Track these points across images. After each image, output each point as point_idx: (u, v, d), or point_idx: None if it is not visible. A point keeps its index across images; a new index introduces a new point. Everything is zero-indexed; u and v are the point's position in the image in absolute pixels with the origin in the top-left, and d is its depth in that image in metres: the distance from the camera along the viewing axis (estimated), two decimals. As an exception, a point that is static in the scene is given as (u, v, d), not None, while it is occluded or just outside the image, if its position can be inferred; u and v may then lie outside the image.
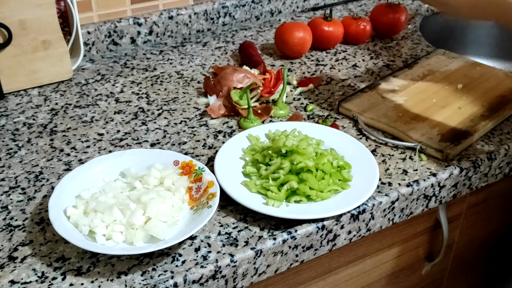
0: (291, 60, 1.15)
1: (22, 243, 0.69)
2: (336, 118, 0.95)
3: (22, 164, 0.84)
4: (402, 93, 0.99)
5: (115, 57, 1.15)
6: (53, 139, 0.89)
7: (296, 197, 0.75)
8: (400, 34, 1.26)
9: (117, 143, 0.89)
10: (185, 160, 0.79)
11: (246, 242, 0.70)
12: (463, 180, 0.86)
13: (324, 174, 0.78)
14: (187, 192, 0.76)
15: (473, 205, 1.00)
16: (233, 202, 0.75)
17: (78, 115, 0.96)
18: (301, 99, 1.01)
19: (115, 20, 1.16)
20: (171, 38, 1.23)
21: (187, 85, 1.05)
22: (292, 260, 0.74)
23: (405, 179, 0.82)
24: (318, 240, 0.75)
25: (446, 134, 0.88)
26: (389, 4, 1.23)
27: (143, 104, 0.99)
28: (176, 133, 0.91)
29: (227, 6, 1.27)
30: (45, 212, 0.74)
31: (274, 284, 0.80)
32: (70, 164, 0.84)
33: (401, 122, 0.91)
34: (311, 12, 1.39)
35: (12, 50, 0.99)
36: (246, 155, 0.83)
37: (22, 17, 0.98)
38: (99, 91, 1.03)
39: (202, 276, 0.66)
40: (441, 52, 1.14)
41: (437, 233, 0.97)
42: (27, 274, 0.65)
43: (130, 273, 0.66)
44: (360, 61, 1.15)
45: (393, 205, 0.80)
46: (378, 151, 0.88)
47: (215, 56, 1.16)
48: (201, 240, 0.70)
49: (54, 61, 1.03)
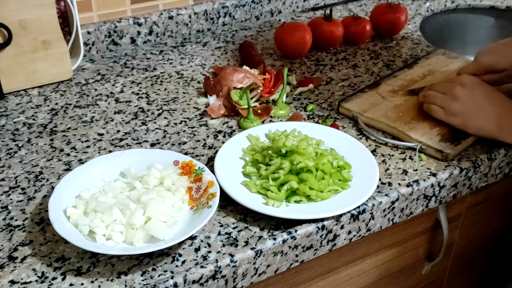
0: (291, 60, 1.15)
1: (22, 243, 0.69)
2: (336, 118, 0.95)
3: (22, 164, 0.84)
4: (402, 93, 0.99)
5: (115, 57, 1.15)
6: (53, 139, 0.89)
7: (296, 197, 0.75)
8: (400, 34, 1.26)
9: (117, 143, 0.89)
10: (185, 160, 0.79)
11: (246, 242, 0.70)
12: (463, 180, 0.86)
13: (324, 174, 0.78)
14: (187, 192, 0.76)
15: (473, 205, 1.00)
16: (233, 202, 0.75)
17: (78, 115, 0.96)
18: (301, 99, 1.01)
19: (115, 20, 1.16)
20: (171, 38, 1.23)
21: (187, 85, 1.05)
22: (292, 260, 0.74)
23: (405, 179, 0.82)
24: (318, 240, 0.75)
25: (446, 134, 0.88)
26: (389, 4, 1.23)
27: (143, 104, 0.99)
28: (176, 133, 0.91)
29: (227, 6, 1.27)
30: (45, 212, 0.74)
31: (274, 284, 0.80)
32: (70, 164, 0.84)
33: (401, 122, 0.91)
34: (311, 12, 1.39)
35: (12, 50, 0.99)
36: (246, 155, 0.83)
37: (22, 17, 0.98)
38: (99, 91, 1.03)
39: (202, 276, 0.66)
40: (441, 52, 1.14)
41: (437, 233, 0.97)
42: (27, 274, 0.65)
43: (130, 273, 0.66)
44: (360, 61, 1.15)
45: (393, 205, 0.80)
46: (378, 151, 0.88)
47: (215, 56, 1.16)
48: (201, 240, 0.70)
49: (54, 61, 1.03)
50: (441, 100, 0.89)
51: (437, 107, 0.89)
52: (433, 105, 0.90)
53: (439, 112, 0.89)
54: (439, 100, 0.89)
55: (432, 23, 1.43)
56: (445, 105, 0.88)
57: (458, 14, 1.47)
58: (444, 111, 0.88)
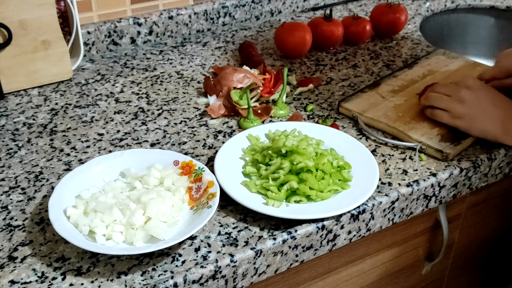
0: (291, 60, 1.15)
1: (22, 243, 0.70)
2: (336, 118, 0.95)
3: (22, 164, 0.84)
4: (402, 93, 0.99)
5: (115, 57, 1.15)
6: (53, 139, 0.89)
7: (296, 197, 0.75)
8: (400, 34, 1.26)
9: (117, 143, 0.89)
10: (185, 160, 0.79)
11: (246, 242, 0.70)
12: (463, 180, 0.86)
13: (324, 174, 0.78)
14: (187, 192, 0.76)
15: (473, 205, 1.00)
16: (233, 202, 0.75)
17: (78, 115, 0.96)
18: (301, 99, 1.01)
19: (115, 20, 1.16)
20: (171, 38, 1.23)
21: (187, 85, 1.05)
22: (292, 260, 0.74)
23: (405, 179, 0.82)
24: (318, 240, 0.75)
25: (446, 134, 0.88)
26: (389, 4, 1.23)
27: (143, 104, 0.99)
28: (176, 133, 0.91)
29: (227, 6, 1.27)
30: (45, 212, 0.74)
31: (274, 284, 0.80)
32: (70, 164, 0.84)
33: (401, 122, 0.91)
34: (311, 12, 1.39)
35: (12, 50, 0.99)
36: (246, 155, 0.83)
37: (22, 17, 0.98)
38: (99, 91, 1.03)
39: (202, 276, 0.66)
40: (441, 52, 1.14)
41: (437, 233, 0.97)
42: (27, 274, 0.65)
43: (130, 273, 0.66)
44: (360, 61, 1.15)
45: (393, 205, 0.80)
46: (378, 151, 0.88)
47: (215, 56, 1.16)
48: (201, 240, 0.70)
49: (54, 61, 1.03)
50: (446, 102, 0.88)
51: (441, 111, 0.88)
52: (437, 110, 0.89)
53: (444, 115, 0.88)
54: (444, 102, 0.88)
55: (432, 23, 1.43)
56: (450, 108, 0.87)
57: (458, 14, 1.47)
58: (449, 114, 0.88)
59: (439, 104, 0.89)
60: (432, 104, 0.90)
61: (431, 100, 0.90)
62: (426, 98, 0.92)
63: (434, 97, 0.90)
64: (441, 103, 0.89)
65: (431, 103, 0.90)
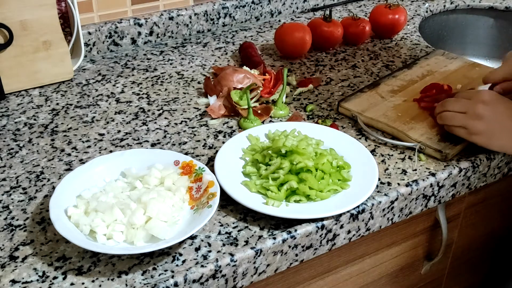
0: (291, 61, 1.15)
1: (23, 243, 0.70)
2: (335, 118, 0.95)
3: (23, 164, 0.84)
4: (402, 93, 0.99)
5: (116, 58, 1.16)
6: (54, 139, 0.90)
7: (295, 197, 0.76)
8: (399, 35, 1.27)
9: (118, 143, 0.89)
10: (185, 160, 0.79)
11: (246, 241, 0.70)
12: (462, 180, 0.86)
13: (323, 174, 0.78)
14: (187, 192, 0.76)
15: (472, 204, 1.00)
16: (233, 202, 0.75)
17: (79, 115, 0.96)
18: (301, 99, 1.01)
19: (116, 21, 1.16)
20: (171, 38, 1.24)
21: (187, 86, 1.06)
22: (292, 259, 0.74)
23: (404, 179, 0.82)
24: (318, 239, 0.75)
25: (445, 134, 0.88)
26: (389, 5, 1.23)
27: (144, 104, 1.00)
28: (177, 133, 0.91)
29: (227, 7, 1.27)
30: (46, 212, 0.75)
31: (274, 283, 0.80)
32: (71, 164, 0.84)
33: (401, 122, 0.91)
34: (311, 12, 1.39)
35: (13, 51, 0.99)
36: (246, 155, 0.83)
37: (23, 18, 0.98)
38: (99, 91, 1.04)
39: (202, 275, 0.66)
40: (440, 52, 1.14)
41: (436, 232, 0.97)
42: (28, 273, 0.66)
43: (131, 272, 0.66)
44: (360, 61, 1.15)
45: (392, 205, 0.80)
46: (378, 151, 0.88)
47: (215, 56, 1.17)
48: (201, 239, 0.71)
49: (55, 61, 1.04)
50: (462, 120, 0.83)
51: (458, 128, 0.85)
52: (453, 127, 0.85)
53: (461, 131, 0.84)
54: (460, 121, 0.84)
55: (431, 23, 1.44)
56: (467, 125, 0.83)
57: (457, 14, 1.47)
58: (465, 131, 0.84)
59: (455, 123, 0.85)
60: (447, 123, 0.86)
61: (446, 120, 0.86)
62: (441, 117, 0.87)
63: (449, 116, 0.85)
64: (457, 122, 0.84)
65: (446, 123, 0.86)
